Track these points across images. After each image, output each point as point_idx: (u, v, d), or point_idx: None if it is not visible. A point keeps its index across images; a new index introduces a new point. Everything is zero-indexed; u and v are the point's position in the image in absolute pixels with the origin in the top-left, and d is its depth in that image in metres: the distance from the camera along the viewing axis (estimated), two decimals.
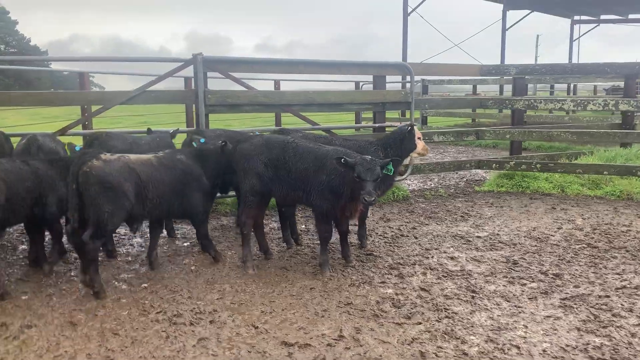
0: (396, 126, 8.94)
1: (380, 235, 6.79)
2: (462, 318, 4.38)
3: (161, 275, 5.34)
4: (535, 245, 6.33)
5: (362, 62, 8.67)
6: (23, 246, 6.23)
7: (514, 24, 33.37)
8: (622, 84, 15.34)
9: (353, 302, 4.68)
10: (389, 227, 7.16)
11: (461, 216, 7.76)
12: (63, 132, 7.30)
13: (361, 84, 18.65)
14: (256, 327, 4.21)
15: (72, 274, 5.37)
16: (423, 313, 4.47)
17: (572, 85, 23.11)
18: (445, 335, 4.08)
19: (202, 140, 6.19)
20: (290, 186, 5.38)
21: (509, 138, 9.79)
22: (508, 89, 17.94)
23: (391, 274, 5.36)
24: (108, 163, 4.74)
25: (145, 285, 5.07)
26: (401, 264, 5.67)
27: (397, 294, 4.85)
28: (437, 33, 30.52)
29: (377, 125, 8.95)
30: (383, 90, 8.88)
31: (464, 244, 6.43)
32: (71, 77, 63.48)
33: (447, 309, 4.55)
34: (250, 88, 8.00)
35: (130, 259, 5.86)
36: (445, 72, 10.63)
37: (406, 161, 7.08)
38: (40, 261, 5.33)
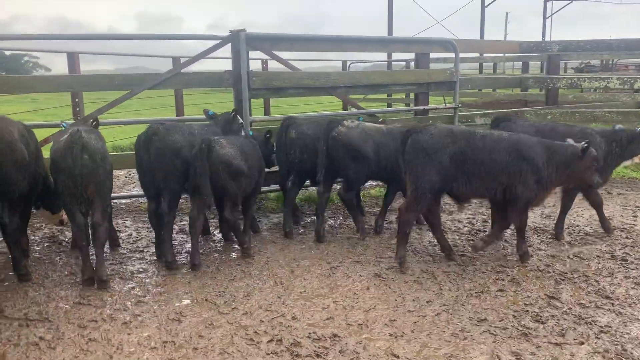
0: (440, 108, 8.35)
1: (455, 231, 6.19)
2: (620, 332, 3.82)
3: None
4: (627, 237, 5.86)
5: (407, 38, 7.98)
6: None
7: (493, 1, 33.00)
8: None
9: (487, 317, 4.05)
10: (459, 221, 6.57)
11: None
12: (85, 121, 6.34)
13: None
14: (397, 357, 3.54)
15: None
16: (574, 328, 3.88)
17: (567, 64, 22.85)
18: (623, 358, 3.51)
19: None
20: (481, 180, 4.88)
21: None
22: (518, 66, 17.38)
23: (502, 279, 4.76)
24: (350, 129, 5.70)
25: None
26: (503, 265, 5.08)
27: (527, 305, 4.26)
28: (410, 10, 29.78)
29: (420, 108, 8.26)
30: (428, 70, 8.19)
31: (551, 238, 5.89)
32: (13, 58, 59.63)
33: (595, 321, 3.98)
34: (293, 68, 7.18)
35: None
36: (485, 49, 10.02)
37: None
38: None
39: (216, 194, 5.01)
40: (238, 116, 6.15)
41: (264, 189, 6.94)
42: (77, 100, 10.89)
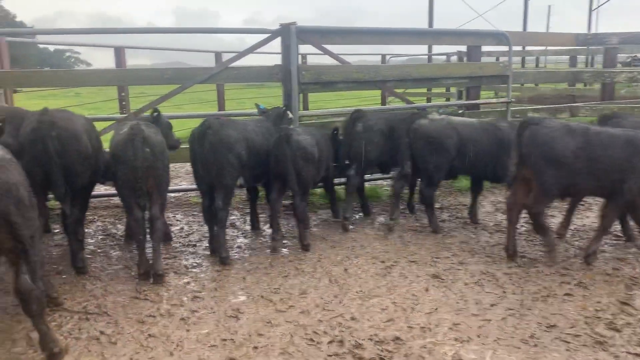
0: (493, 102, 8.06)
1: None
2: None
3: None
4: None
5: (459, 31, 7.75)
6: None
7: None
8: None
9: (557, 323, 3.84)
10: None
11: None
12: (136, 115, 6.37)
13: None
14: None
15: None
16: None
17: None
18: None
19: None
20: (595, 177, 4.69)
21: None
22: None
23: (568, 283, 4.53)
24: (433, 122, 5.70)
25: None
26: (567, 268, 4.84)
27: (598, 311, 4.03)
28: (448, 4, 29.15)
29: (471, 102, 8.00)
30: (480, 63, 7.92)
31: (615, 239, 5.60)
32: (56, 54, 61.41)
33: None
34: (343, 61, 7.04)
35: None
36: (539, 42, 9.67)
37: None
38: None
39: (286, 182, 5.19)
40: (288, 112, 6.08)
41: None
42: (123, 94, 11.09)
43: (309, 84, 6.68)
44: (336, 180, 6.56)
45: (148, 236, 4.64)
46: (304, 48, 7.67)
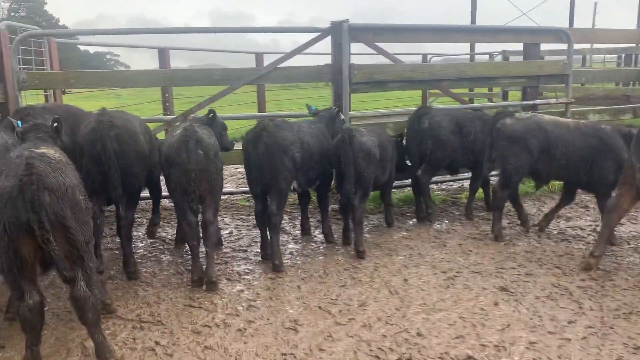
0: (552, 103, 7.65)
1: (577, 238, 5.58)
2: None
3: None
4: None
5: (516, 28, 7.40)
6: None
7: None
8: None
9: None
10: (580, 228, 5.94)
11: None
12: (185, 116, 6.28)
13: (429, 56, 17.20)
14: None
15: None
16: None
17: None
18: None
19: None
20: None
21: None
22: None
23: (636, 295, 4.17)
24: (519, 121, 5.39)
25: None
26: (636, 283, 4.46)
27: None
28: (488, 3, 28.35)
29: (530, 102, 7.60)
30: (539, 61, 7.55)
31: None
32: (97, 56, 63.09)
33: None
34: (396, 61, 6.78)
35: None
36: (601, 39, 9.17)
37: None
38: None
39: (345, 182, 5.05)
40: (341, 113, 5.88)
41: None
42: (167, 95, 11.09)
43: (361, 84, 6.46)
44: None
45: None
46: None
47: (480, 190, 6.61)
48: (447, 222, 6.24)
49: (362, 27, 6.41)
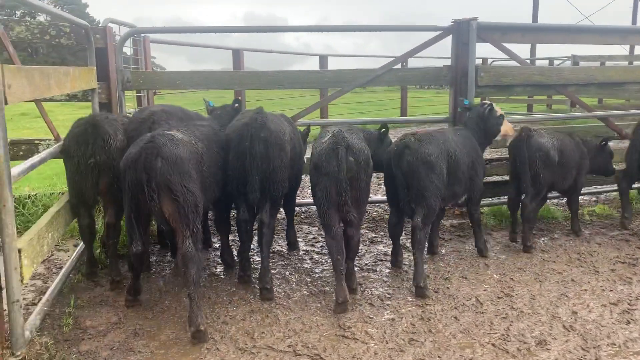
0: None
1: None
2: None
3: None
4: None
5: None
6: None
7: None
8: None
9: None
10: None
11: None
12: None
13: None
14: None
15: None
16: None
17: None
18: None
19: None
20: None
21: None
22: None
23: None
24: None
25: None
26: None
27: None
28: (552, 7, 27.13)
29: None
30: None
31: None
32: (132, 59, 63.71)
33: None
34: (522, 62, 6.20)
35: None
36: None
37: None
38: None
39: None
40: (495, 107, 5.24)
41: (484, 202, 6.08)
42: (239, 98, 10.74)
43: (487, 87, 5.91)
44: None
45: None
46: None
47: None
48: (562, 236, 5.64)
49: (490, 26, 5.86)
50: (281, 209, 5.09)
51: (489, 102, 5.08)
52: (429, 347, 3.53)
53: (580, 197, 6.82)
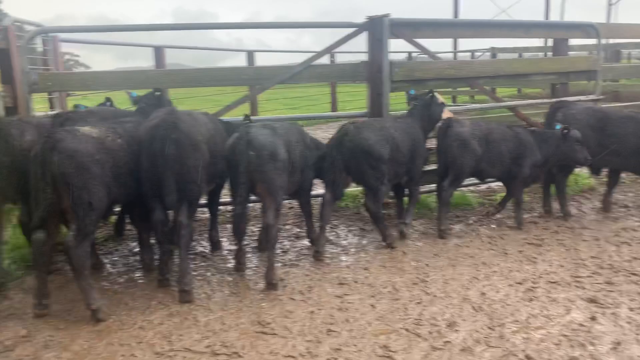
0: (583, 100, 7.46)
1: None
2: None
3: None
4: None
5: (550, 23, 7.21)
6: None
7: None
8: None
9: None
10: None
11: None
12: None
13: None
14: None
15: None
16: None
17: None
18: None
19: None
20: None
21: None
22: None
23: None
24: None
25: None
26: None
27: None
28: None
29: (561, 100, 7.37)
30: (572, 57, 7.36)
31: None
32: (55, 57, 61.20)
33: None
34: (435, 57, 6.45)
35: None
36: (627, 34, 9.02)
37: None
38: None
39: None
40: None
41: None
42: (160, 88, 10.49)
43: (401, 82, 6.09)
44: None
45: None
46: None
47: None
48: (494, 226, 5.96)
49: (402, 22, 6.04)
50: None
51: (430, 91, 5.37)
52: (345, 337, 3.64)
53: (496, 184, 7.21)
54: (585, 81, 7.59)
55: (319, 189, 5.87)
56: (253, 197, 4.87)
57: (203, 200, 4.97)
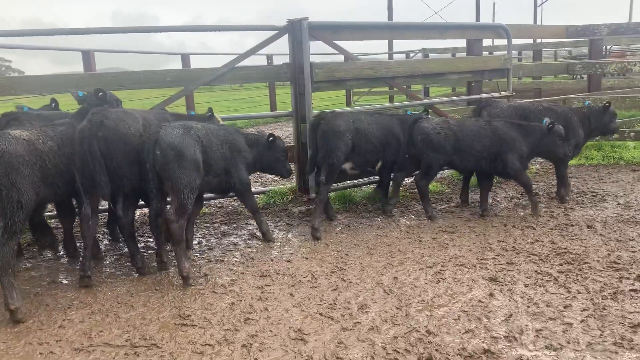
0: (496, 97, 7.98)
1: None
2: None
3: None
4: None
5: (463, 24, 7.58)
6: None
7: None
8: None
9: None
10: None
11: (591, 197, 6.87)
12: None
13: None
14: None
15: None
16: None
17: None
18: None
19: None
20: None
21: None
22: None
23: (627, 278, 4.41)
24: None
25: None
26: (617, 262, 4.73)
27: None
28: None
29: (473, 97, 7.88)
30: (484, 56, 7.87)
31: None
32: None
33: None
34: (354, 59, 6.75)
35: None
36: (535, 34, 9.66)
37: None
38: None
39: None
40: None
41: None
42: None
43: (322, 82, 6.36)
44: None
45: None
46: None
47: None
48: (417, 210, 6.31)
49: (321, 25, 6.32)
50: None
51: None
52: (262, 324, 3.83)
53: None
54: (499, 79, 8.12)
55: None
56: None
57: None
